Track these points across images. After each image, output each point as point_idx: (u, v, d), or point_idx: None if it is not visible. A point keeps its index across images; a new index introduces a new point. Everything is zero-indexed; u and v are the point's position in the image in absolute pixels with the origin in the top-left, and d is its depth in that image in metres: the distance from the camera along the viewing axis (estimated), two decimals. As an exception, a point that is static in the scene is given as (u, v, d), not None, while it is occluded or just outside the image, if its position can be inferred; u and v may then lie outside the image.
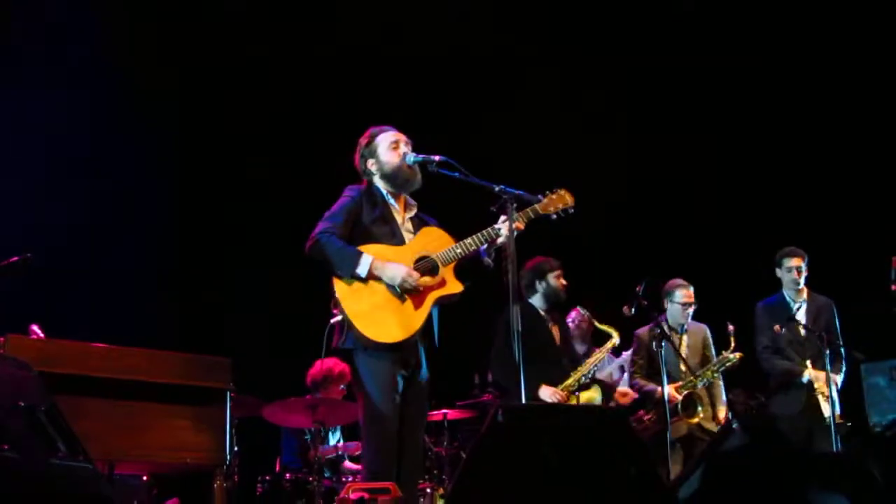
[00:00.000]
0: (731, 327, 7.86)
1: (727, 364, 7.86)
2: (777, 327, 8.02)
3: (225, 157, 9.68)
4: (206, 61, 9.53)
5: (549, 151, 9.89)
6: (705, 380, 7.84)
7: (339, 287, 5.24)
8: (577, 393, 7.09)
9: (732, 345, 7.84)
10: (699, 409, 7.76)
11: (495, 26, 10.20)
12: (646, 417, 7.86)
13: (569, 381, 7.08)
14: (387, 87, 9.93)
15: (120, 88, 9.06)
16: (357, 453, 7.79)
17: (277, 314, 8.99)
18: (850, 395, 7.97)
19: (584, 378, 7.13)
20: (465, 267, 5.44)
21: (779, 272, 8.21)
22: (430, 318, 5.36)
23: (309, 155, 9.50)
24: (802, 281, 8.12)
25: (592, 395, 7.15)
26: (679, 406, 7.67)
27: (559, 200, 5.50)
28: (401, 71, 10.01)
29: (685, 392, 7.73)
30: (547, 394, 6.93)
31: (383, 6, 9.85)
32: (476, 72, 10.20)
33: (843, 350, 7.95)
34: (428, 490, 7.55)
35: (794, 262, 8.11)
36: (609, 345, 7.48)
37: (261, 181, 9.68)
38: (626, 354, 8.42)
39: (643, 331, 8.06)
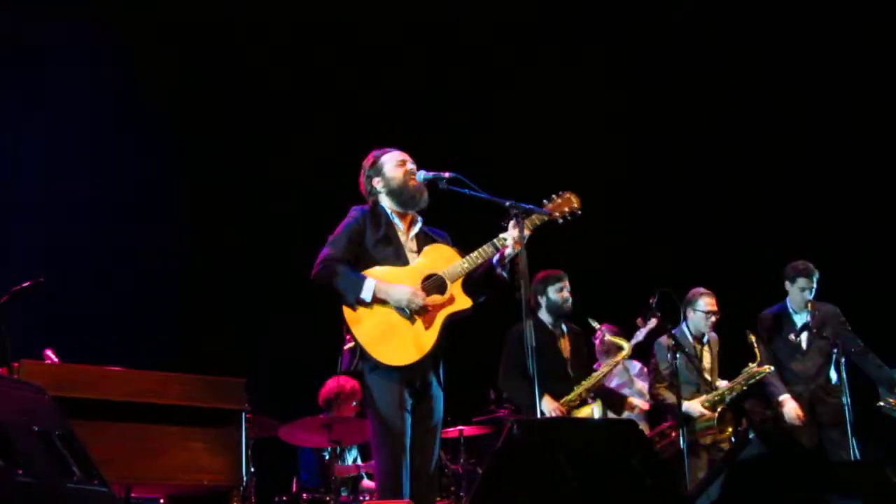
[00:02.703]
0: (752, 337, 7.79)
1: (757, 378, 7.79)
2: (792, 338, 7.99)
3: (236, 175, 9.71)
4: (211, 80, 9.58)
5: (562, 159, 9.89)
6: (734, 393, 7.78)
7: (348, 313, 5.21)
8: (578, 408, 7.07)
9: (759, 357, 7.77)
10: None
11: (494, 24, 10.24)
12: (672, 433, 7.78)
13: (571, 396, 7.06)
14: (385, 84, 9.96)
15: (122, 106, 9.12)
16: (375, 472, 7.79)
17: (292, 334, 8.98)
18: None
19: (588, 392, 7.10)
20: (477, 282, 5.39)
21: (788, 285, 8.14)
22: (440, 335, 5.33)
23: (315, 170, 9.50)
24: (811, 296, 8.05)
25: (589, 413, 7.10)
26: (716, 421, 7.62)
27: (565, 204, 5.43)
28: (400, 69, 10.07)
29: (720, 407, 7.67)
30: (548, 407, 6.90)
31: (382, 8, 9.88)
32: (474, 71, 10.22)
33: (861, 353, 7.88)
34: (446, 508, 7.54)
35: (809, 283, 8.03)
36: (619, 357, 7.40)
37: (273, 199, 9.70)
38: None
39: (664, 339, 7.99)
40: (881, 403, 7.78)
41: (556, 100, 10.13)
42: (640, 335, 7.43)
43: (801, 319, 8.06)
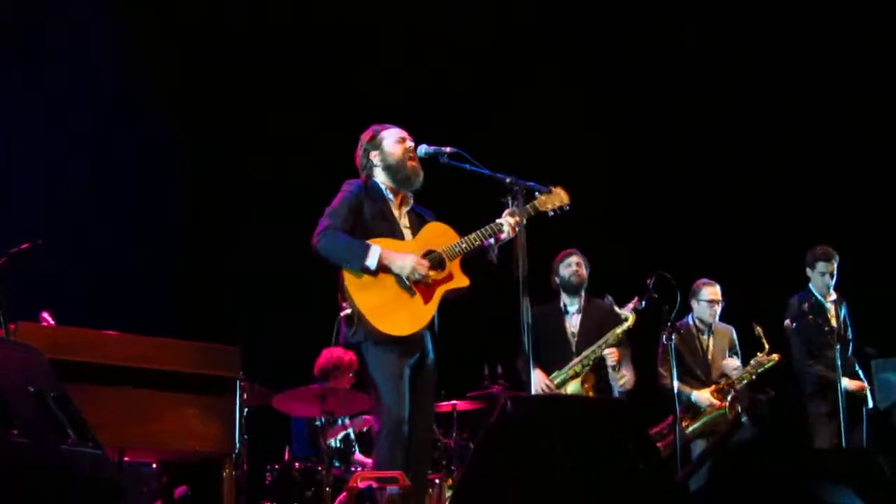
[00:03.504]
0: (758, 329, 7.77)
1: (766, 367, 7.80)
2: (788, 323, 7.99)
3: (233, 144, 9.71)
4: (208, 55, 9.56)
5: (567, 143, 9.89)
6: (744, 383, 7.80)
7: (350, 280, 5.24)
8: (569, 380, 7.09)
9: (767, 347, 7.78)
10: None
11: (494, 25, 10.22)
12: (670, 436, 7.76)
13: (562, 371, 7.09)
14: (388, 82, 9.95)
15: (125, 75, 9.10)
16: (365, 428, 7.81)
17: (288, 303, 8.99)
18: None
19: (583, 367, 7.11)
20: (470, 262, 5.45)
21: (809, 272, 8.15)
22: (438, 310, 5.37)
23: (314, 147, 9.48)
24: (833, 281, 8.08)
25: (577, 388, 7.10)
26: (727, 410, 7.63)
27: (555, 198, 5.55)
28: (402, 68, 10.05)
29: (729, 397, 7.70)
30: (535, 380, 6.90)
31: (386, 6, 9.87)
32: (476, 70, 10.18)
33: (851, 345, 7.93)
34: (437, 481, 7.56)
35: (830, 266, 8.05)
36: (618, 330, 7.32)
37: (269, 169, 9.70)
38: None
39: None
40: None
41: (558, 97, 10.12)
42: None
43: (830, 308, 8.06)
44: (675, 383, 7.09)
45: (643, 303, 7.07)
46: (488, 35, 10.14)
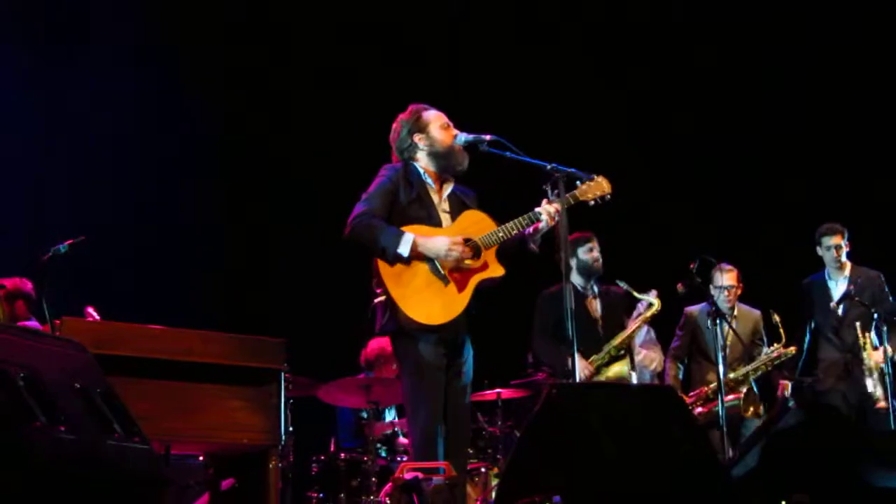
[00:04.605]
0: (776, 317, 7.69)
1: (783, 359, 7.77)
2: (834, 304, 7.94)
3: (273, 136, 9.76)
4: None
5: (598, 127, 9.85)
6: (758, 374, 7.78)
7: (383, 268, 5.21)
8: (607, 365, 7.09)
9: (784, 338, 7.71)
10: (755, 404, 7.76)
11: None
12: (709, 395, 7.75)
13: (599, 355, 7.08)
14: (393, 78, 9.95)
15: (167, 72, 9.15)
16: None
17: (331, 293, 9.01)
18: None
19: (617, 350, 7.11)
20: (507, 252, 5.38)
21: (819, 251, 8.10)
22: (471, 300, 5.30)
23: (349, 134, 9.50)
24: (843, 257, 8.00)
25: (621, 370, 7.10)
26: (742, 401, 7.62)
27: (597, 188, 5.44)
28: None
29: (744, 388, 7.67)
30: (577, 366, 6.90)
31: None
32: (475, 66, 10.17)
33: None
34: (482, 469, 7.55)
35: (834, 240, 7.99)
36: (648, 313, 7.33)
37: (308, 159, 9.72)
38: None
39: (692, 309, 7.97)
40: None
41: (559, 87, 10.11)
42: (640, 307, 7.44)
43: (835, 285, 8.01)
44: (720, 368, 7.06)
45: (686, 288, 7.06)
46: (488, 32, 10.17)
